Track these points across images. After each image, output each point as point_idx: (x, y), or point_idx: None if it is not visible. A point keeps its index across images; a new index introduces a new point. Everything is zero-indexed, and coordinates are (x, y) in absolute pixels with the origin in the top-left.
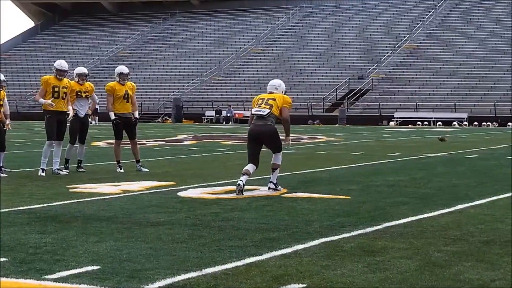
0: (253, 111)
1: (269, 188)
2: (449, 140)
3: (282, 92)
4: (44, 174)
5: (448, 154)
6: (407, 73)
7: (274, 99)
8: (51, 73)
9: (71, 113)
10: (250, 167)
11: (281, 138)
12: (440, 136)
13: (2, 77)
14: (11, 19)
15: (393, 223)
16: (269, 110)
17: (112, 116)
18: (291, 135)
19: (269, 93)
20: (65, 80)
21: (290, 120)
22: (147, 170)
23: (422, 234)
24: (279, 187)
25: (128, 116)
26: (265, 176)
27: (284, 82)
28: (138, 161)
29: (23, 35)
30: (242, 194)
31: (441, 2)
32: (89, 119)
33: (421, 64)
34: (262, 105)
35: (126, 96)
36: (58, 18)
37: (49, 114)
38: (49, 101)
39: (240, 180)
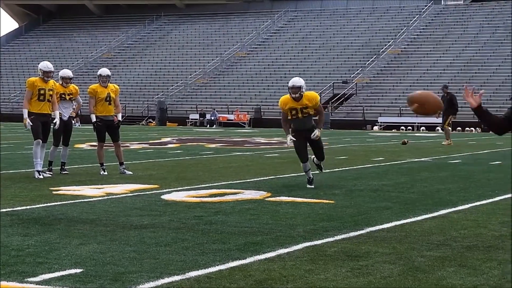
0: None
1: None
2: (428, 145)
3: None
4: (41, 176)
5: (432, 159)
6: (391, 78)
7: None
8: (34, 75)
9: (57, 119)
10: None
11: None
12: (402, 140)
13: None
14: None
15: (377, 227)
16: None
17: (93, 119)
18: (276, 139)
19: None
20: (51, 81)
21: (279, 123)
22: (131, 172)
23: (405, 239)
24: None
25: (111, 118)
26: (249, 180)
27: (268, 86)
28: (121, 164)
29: (7, 36)
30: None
31: (426, 7)
32: (73, 121)
33: (405, 69)
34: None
35: (108, 98)
36: (43, 20)
37: (33, 115)
38: (27, 122)
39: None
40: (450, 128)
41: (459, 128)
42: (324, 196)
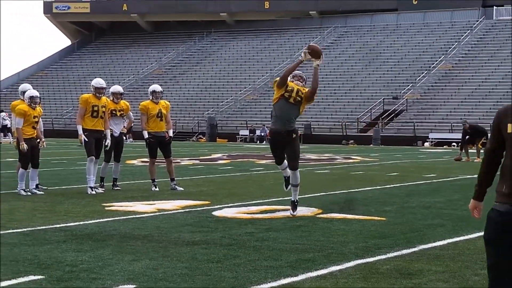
0: None
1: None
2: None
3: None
4: (94, 192)
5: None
6: (442, 93)
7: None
8: (86, 91)
9: (108, 140)
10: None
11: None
12: (456, 156)
13: (36, 93)
14: (49, 37)
15: (429, 245)
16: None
17: (145, 135)
18: (327, 155)
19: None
20: (104, 98)
21: (329, 139)
22: (182, 188)
23: (458, 257)
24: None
25: (162, 134)
26: (300, 196)
27: (317, 102)
28: (172, 180)
29: (60, 53)
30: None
31: (477, 22)
32: (125, 138)
33: (456, 85)
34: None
35: (159, 114)
36: (95, 37)
37: (86, 132)
38: (83, 137)
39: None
40: (481, 147)
41: None
42: (376, 213)
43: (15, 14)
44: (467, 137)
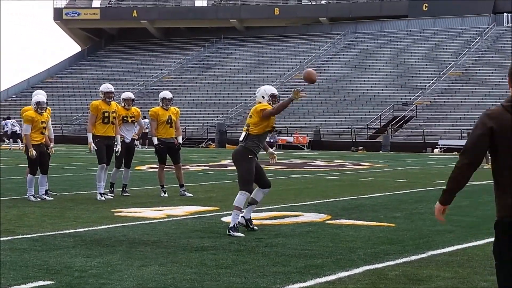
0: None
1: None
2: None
3: (263, 97)
4: (103, 198)
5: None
6: (452, 100)
7: (250, 116)
8: (96, 98)
9: (119, 146)
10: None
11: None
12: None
13: (42, 98)
14: (59, 43)
15: (438, 251)
16: (245, 133)
17: (155, 141)
18: (336, 161)
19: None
20: (113, 104)
21: (339, 145)
22: (191, 194)
23: (467, 263)
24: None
25: (172, 141)
26: (309, 202)
27: (327, 108)
28: (182, 186)
29: (69, 59)
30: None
31: (487, 29)
32: (136, 143)
33: (466, 91)
34: (244, 128)
35: (169, 121)
36: (105, 43)
37: (98, 138)
38: (92, 146)
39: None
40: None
41: None
42: (385, 219)
43: (25, 21)
44: None
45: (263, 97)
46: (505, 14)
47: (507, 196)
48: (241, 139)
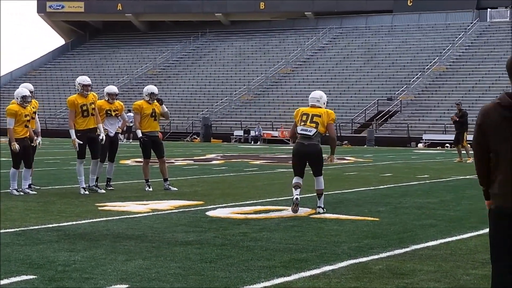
0: (299, 130)
1: (319, 212)
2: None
3: (324, 104)
4: (87, 192)
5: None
6: (436, 95)
7: (319, 116)
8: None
9: (102, 134)
10: (298, 179)
11: (324, 155)
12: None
13: (27, 92)
14: (42, 36)
15: (422, 245)
16: (315, 130)
17: (139, 134)
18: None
19: (311, 106)
20: (90, 95)
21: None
22: (176, 189)
23: (450, 257)
24: (324, 209)
25: (156, 134)
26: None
27: None
28: (166, 180)
29: (53, 52)
30: (298, 208)
31: (471, 25)
32: (120, 137)
33: (450, 87)
34: (308, 123)
35: (153, 114)
36: (89, 36)
37: (80, 133)
38: (77, 142)
39: (296, 194)
40: (469, 146)
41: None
42: (369, 214)
43: (8, 13)
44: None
45: (324, 103)
46: (488, 9)
47: (493, 186)
48: (311, 134)
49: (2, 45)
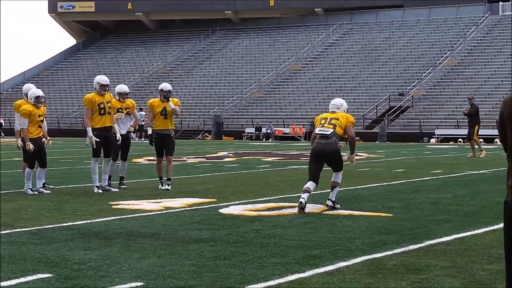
0: (317, 130)
1: (327, 205)
2: (488, 157)
3: (344, 111)
4: (100, 191)
5: (491, 171)
6: (448, 89)
7: (337, 119)
8: (92, 91)
9: (118, 134)
10: (311, 184)
11: (344, 156)
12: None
13: (41, 93)
14: (54, 36)
15: (436, 241)
16: (332, 130)
17: (149, 131)
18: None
19: (331, 113)
20: (107, 94)
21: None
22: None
23: (465, 252)
24: (338, 205)
25: (167, 133)
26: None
27: (323, 99)
28: (168, 179)
29: (64, 52)
30: (304, 212)
31: (482, 18)
32: (132, 136)
33: (462, 81)
34: (326, 124)
35: (163, 112)
36: (100, 36)
37: (96, 131)
38: (94, 140)
39: (302, 198)
40: (481, 140)
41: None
42: (382, 209)
43: (20, 14)
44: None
45: (344, 111)
46: (500, 3)
47: (508, 178)
48: (328, 133)
49: (15, 46)
